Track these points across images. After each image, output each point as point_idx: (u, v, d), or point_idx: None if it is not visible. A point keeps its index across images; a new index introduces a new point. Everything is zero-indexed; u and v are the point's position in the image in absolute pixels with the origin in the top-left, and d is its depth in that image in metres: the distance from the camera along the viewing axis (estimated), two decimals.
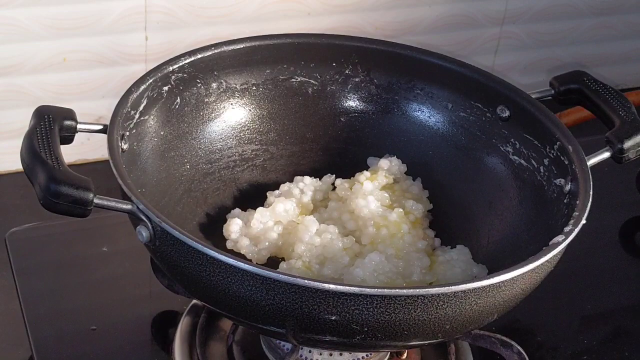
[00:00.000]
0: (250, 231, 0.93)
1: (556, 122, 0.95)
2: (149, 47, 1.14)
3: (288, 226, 0.94)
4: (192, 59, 0.97)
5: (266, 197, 0.98)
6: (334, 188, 1.00)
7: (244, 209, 0.97)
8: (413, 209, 0.97)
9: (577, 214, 0.85)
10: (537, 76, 1.32)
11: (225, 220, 0.95)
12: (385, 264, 0.90)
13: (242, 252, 0.93)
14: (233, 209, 0.97)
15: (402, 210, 0.96)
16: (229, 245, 0.93)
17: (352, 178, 0.99)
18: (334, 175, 1.00)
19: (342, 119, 1.04)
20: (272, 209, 0.94)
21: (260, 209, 0.94)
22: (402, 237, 0.94)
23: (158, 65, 0.95)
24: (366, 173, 0.99)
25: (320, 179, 1.00)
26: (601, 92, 0.98)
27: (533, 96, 0.98)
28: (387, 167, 0.99)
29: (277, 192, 0.98)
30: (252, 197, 1.00)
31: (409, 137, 1.03)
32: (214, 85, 0.99)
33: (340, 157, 1.03)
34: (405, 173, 1.01)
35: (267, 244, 0.93)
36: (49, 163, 0.80)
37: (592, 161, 0.92)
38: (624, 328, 1.06)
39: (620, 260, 1.15)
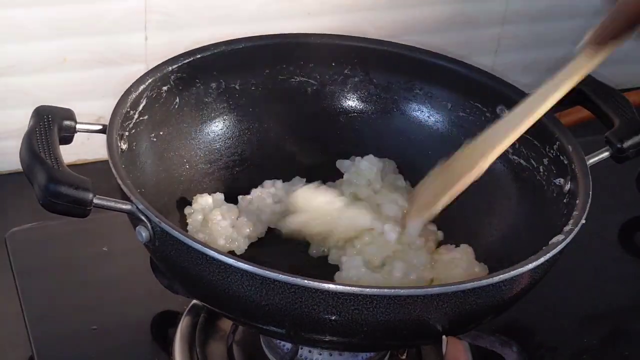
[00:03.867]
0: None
1: (556, 121, 0.95)
2: (149, 47, 1.14)
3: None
4: (192, 59, 0.97)
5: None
6: None
7: None
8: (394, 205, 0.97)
9: (576, 213, 0.85)
10: (536, 76, 1.31)
11: None
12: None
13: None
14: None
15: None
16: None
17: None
18: (305, 179, 1.00)
19: (341, 119, 1.04)
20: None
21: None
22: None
23: (157, 65, 0.95)
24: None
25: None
26: (600, 92, 0.99)
27: None
28: (349, 179, 0.99)
29: (248, 197, 0.98)
30: None
31: (408, 136, 1.03)
32: (213, 85, 0.99)
33: (339, 156, 1.03)
34: (403, 173, 1.01)
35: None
36: (48, 163, 0.80)
37: (591, 161, 0.92)
38: (624, 328, 1.06)
39: (620, 260, 1.15)
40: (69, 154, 0.85)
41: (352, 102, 1.04)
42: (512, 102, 0.98)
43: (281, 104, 1.03)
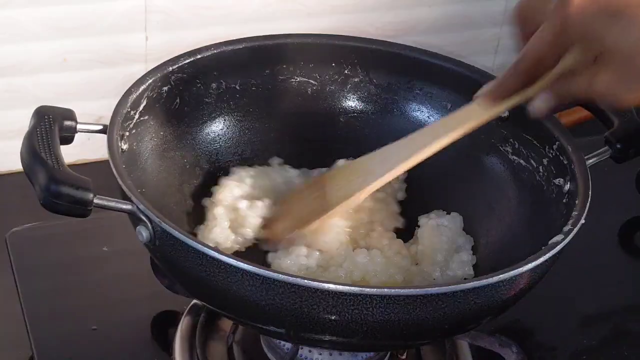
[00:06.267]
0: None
1: (555, 122, 0.95)
2: (149, 47, 1.14)
3: None
4: (192, 59, 0.97)
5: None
6: None
7: None
8: None
9: (576, 213, 0.85)
10: None
11: None
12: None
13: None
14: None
15: None
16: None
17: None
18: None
19: (341, 119, 1.04)
20: None
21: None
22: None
23: (158, 66, 0.95)
24: None
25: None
26: None
27: None
28: None
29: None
30: None
31: None
32: (214, 85, 0.99)
33: (340, 157, 1.03)
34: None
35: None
36: (49, 163, 0.80)
37: (591, 161, 0.92)
38: (624, 328, 1.06)
39: (620, 260, 1.16)
40: (69, 154, 0.85)
41: (352, 102, 1.04)
42: None
43: (281, 104, 1.03)
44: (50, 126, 0.85)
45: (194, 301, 0.98)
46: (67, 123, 0.87)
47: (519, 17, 0.83)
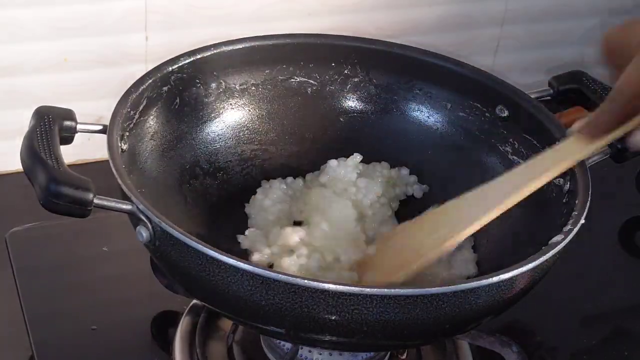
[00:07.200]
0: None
1: (555, 122, 0.95)
2: (149, 47, 1.14)
3: None
4: (192, 59, 0.97)
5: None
6: None
7: (243, 208, 0.98)
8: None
9: (576, 213, 0.85)
10: (536, 76, 1.31)
11: (226, 220, 0.96)
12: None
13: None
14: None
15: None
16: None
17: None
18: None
19: (341, 119, 1.04)
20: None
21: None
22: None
23: (158, 66, 0.95)
24: None
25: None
26: (600, 92, 0.99)
27: (532, 96, 0.98)
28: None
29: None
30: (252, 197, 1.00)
31: (408, 136, 1.03)
32: (214, 85, 0.99)
33: (340, 157, 1.03)
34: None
35: None
36: (49, 163, 0.80)
37: (590, 161, 0.92)
38: (624, 328, 1.06)
39: (620, 260, 1.16)
40: (69, 154, 0.85)
41: (352, 102, 1.04)
42: (511, 102, 0.98)
43: (281, 104, 1.03)
44: (50, 126, 0.85)
45: (194, 301, 0.98)
46: (67, 123, 0.87)
47: (608, 50, 0.81)
